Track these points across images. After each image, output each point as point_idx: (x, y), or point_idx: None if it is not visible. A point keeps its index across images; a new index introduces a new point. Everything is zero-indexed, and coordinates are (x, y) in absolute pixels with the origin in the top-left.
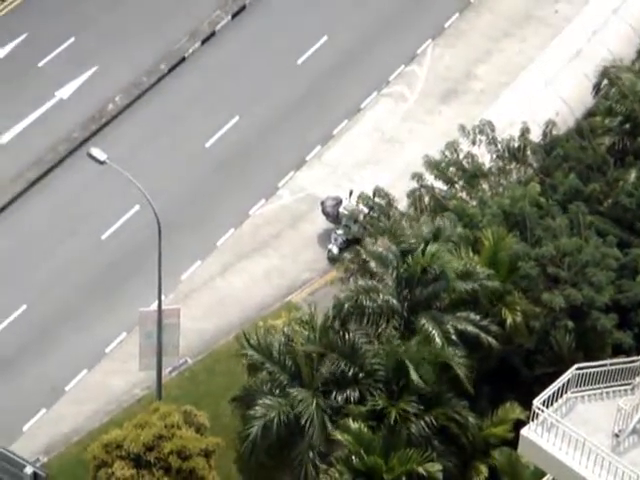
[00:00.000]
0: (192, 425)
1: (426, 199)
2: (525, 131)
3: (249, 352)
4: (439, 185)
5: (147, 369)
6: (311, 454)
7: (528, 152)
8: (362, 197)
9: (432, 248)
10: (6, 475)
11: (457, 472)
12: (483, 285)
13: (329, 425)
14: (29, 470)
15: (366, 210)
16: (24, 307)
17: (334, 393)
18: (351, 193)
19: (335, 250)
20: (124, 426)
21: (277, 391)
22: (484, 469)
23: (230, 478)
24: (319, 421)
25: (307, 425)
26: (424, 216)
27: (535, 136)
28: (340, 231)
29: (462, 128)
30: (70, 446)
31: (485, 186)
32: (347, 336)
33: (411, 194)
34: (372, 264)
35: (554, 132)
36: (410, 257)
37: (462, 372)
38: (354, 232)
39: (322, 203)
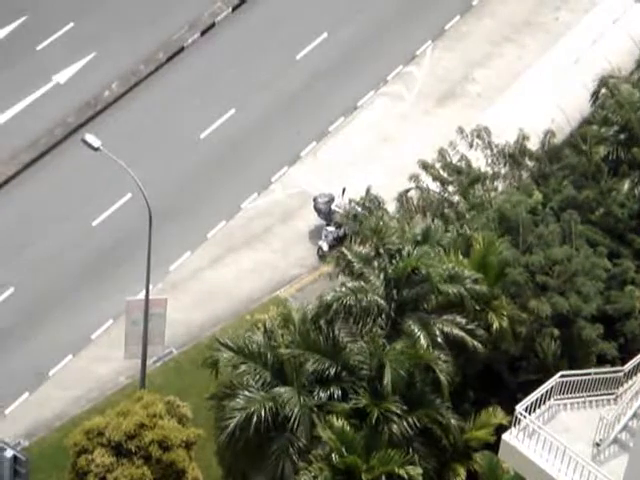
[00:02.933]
0: (174, 416)
1: (415, 201)
2: (524, 138)
3: (225, 355)
4: (434, 187)
5: (132, 358)
6: (290, 450)
7: (526, 159)
8: (351, 201)
9: (420, 250)
10: None
11: (435, 474)
12: (469, 289)
13: (318, 422)
14: (9, 453)
15: (358, 209)
16: (11, 290)
17: (317, 390)
18: (344, 191)
19: (325, 247)
20: (106, 413)
21: (259, 386)
22: (462, 471)
23: (210, 470)
24: (306, 419)
25: (291, 422)
26: (415, 217)
27: (531, 143)
28: (331, 228)
29: (460, 130)
30: (52, 431)
31: (480, 190)
32: (331, 334)
33: (400, 196)
34: (358, 265)
35: (552, 140)
36: (398, 258)
37: (443, 377)
38: (345, 230)
39: (314, 200)
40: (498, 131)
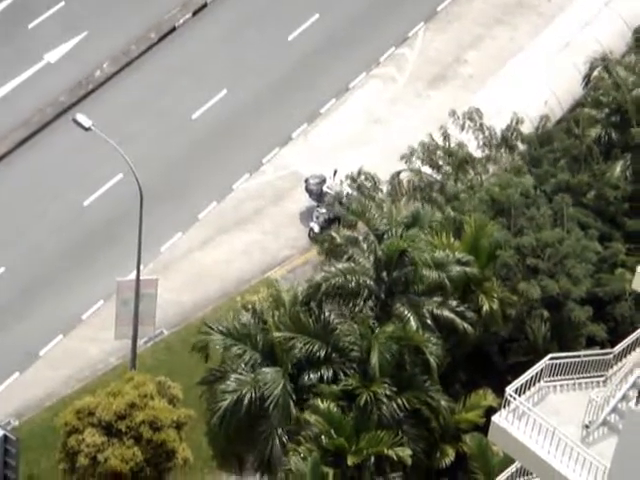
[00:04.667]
0: (165, 396)
1: (405, 183)
2: (518, 121)
3: (215, 337)
4: (426, 169)
5: (123, 338)
6: (279, 431)
7: (518, 142)
8: (349, 177)
9: (410, 232)
10: None
11: (424, 455)
12: (455, 273)
13: (293, 409)
14: None
15: (350, 190)
16: (2, 269)
17: (307, 372)
18: (335, 172)
19: (316, 228)
20: (97, 393)
21: (250, 368)
22: (451, 452)
23: (200, 450)
24: (283, 404)
25: (270, 403)
26: (404, 199)
27: (523, 126)
28: (322, 210)
29: (452, 113)
30: (42, 411)
31: (472, 173)
32: (322, 316)
33: (392, 178)
34: (347, 248)
35: (547, 125)
36: (388, 240)
37: (433, 359)
38: (336, 211)
39: (306, 181)
40: (490, 113)
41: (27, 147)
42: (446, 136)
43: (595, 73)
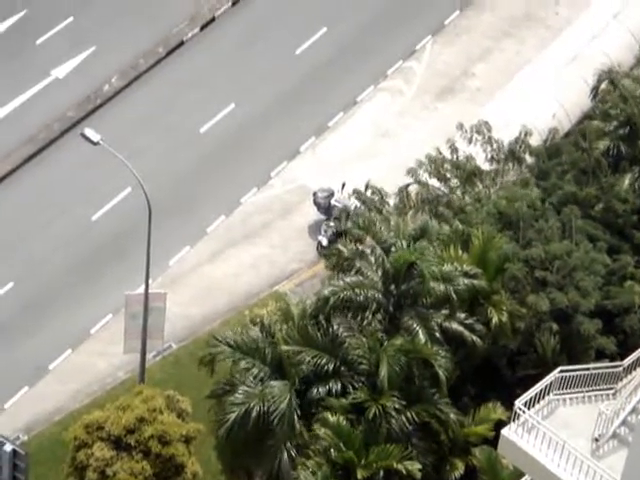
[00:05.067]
0: (174, 410)
1: (413, 196)
2: (526, 134)
3: (224, 350)
4: (433, 182)
5: (131, 352)
6: (288, 445)
7: (526, 154)
8: (355, 192)
9: (418, 245)
10: None
11: (433, 469)
12: (462, 287)
13: (297, 424)
14: (8, 448)
15: (358, 204)
16: (11, 284)
17: (316, 385)
18: (344, 186)
19: (325, 242)
20: (106, 408)
21: (258, 382)
22: (461, 465)
23: (210, 464)
24: (289, 419)
25: (274, 418)
26: (411, 212)
27: (531, 139)
28: (330, 223)
29: (460, 126)
30: (51, 425)
31: (480, 186)
32: (330, 330)
33: (399, 191)
34: (355, 261)
35: (556, 138)
36: (396, 253)
37: (442, 372)
38: (344, 225)
39: (314, 194)
40: (498, 126)
41: (35, 162)
42: (454, 149)
43: (603, 86)
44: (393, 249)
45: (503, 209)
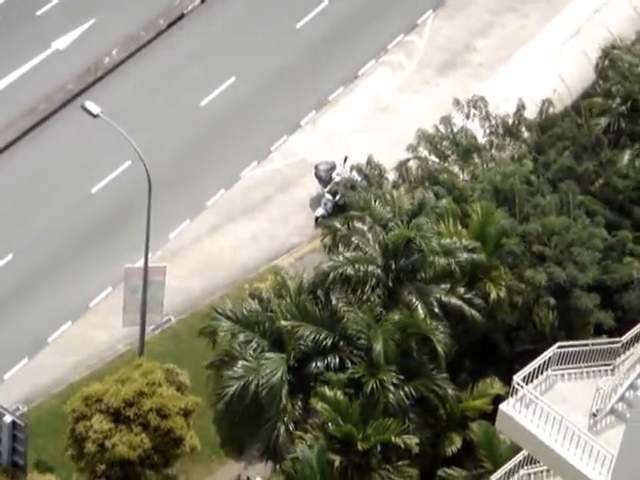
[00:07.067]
0: (173, 384)
1: (413, 171)
2: (521, 107)
3: (224, 324)
4: (432, 158)
5: (131, 325)
6: (286, 419)
7: (523, 129)
8: (355, 166)
9: (417, 220)
10: None
11: (430, 443)
12: (462, 260)
13: (284, 398)
14: (8, 419)
15: (359, 178)
16: (10, 256)
17: (314, 360)
18: (346, 159)
19: (322, 213)
20: (105, 380)
21: (257, 355)
22: (458, 440)
23: (208, 437)
24: (278, 393)
25: (263, 390)
26: (410, 187)
27: (531, 113)
28: (329, 196)
29: (457, 102)
30: (50, 397)
31: (478, 161)
32: (329, 305)
33: (399, 166)
34: (353, 238)
35: (550, 110)
36: (394, 229)
37: (440, 348)
38: (345, 199)
39: (316, 167)
40: (499, 101)
41: (35, 134)
42: (449, 125)
43: (606, 62)
44: (391, 224)
45: (498, 185)
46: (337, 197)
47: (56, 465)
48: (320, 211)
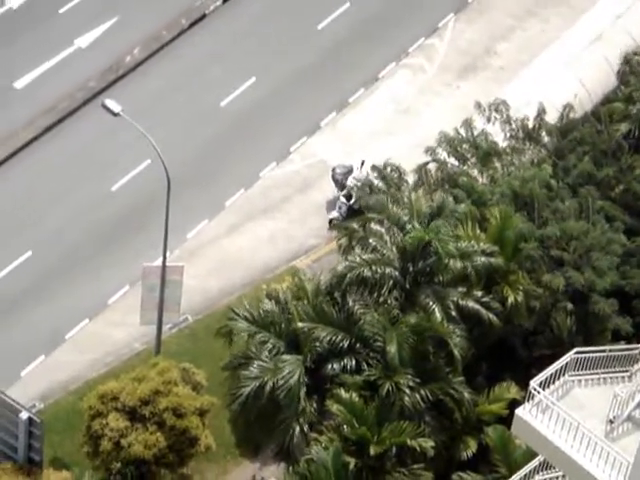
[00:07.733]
0: (189, 383)
1: (433, 174)
2: (541, 111)
3: (240, 324)
4: (452, 161)
5: (148, 323)
6: (301, 420)
7: (543, 133)
8: (374, 168)
9: (434, 224)
10: (1, 419)
11: (446, 447)
12: (479, 264)
13: (303, 400)
14: (24, 415)
15: (376, 182)
16: (29, 253)
17: (330, 362)
18: (363, 163)
19: (336, 215)
20: (121, 378)
21: (273, 356)
22: (473, 444)
23: (223, 437)
24: (296, 395)
25: (281, 393)
26: (429, 189)
27: (551, 118)
28: (344, 200)
29: (478, 105)
30: (66, 394)
31: (497, 165)
32: (345, 307)
33: (418, 169)
34: (369, 240)
35: (571, 115)
36: (412, 230)
37: (457, 351)
38: (360, 203)
39: (333, 170)
40: (520, 105)
41: (56, 132)
42: (470, 128)
43: (627, 68)
44: (409, 226)
45: (517, 189)
46: (352, 201)
47: (72, 462)
48: (334, 214)
